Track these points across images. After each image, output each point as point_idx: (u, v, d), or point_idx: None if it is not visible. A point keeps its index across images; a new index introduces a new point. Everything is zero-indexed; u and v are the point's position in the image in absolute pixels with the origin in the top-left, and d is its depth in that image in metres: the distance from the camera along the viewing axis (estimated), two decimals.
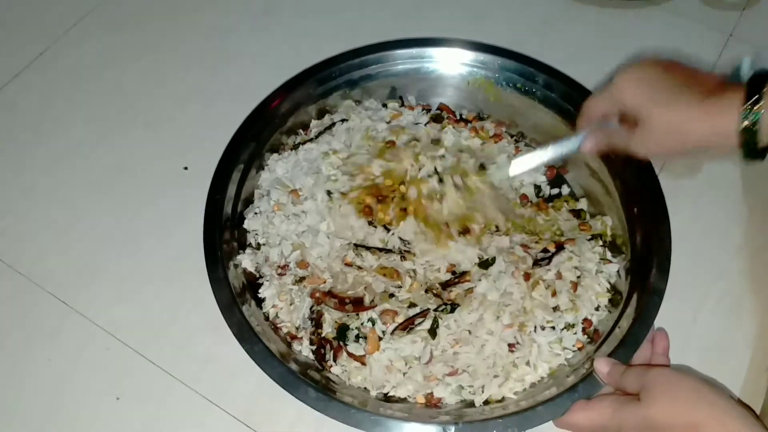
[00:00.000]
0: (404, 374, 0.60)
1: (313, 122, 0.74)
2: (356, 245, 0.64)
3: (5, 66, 0.81)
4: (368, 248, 0.64)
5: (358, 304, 0.62)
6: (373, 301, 0.62)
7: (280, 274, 0.64)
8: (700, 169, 0.74)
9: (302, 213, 0.66)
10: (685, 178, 0.72)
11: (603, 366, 0.55)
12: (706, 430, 0.47)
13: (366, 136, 0.71)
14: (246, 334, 0.58)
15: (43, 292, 0.66)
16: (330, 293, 0.62)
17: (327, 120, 0.74)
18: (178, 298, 0.66)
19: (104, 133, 0.77)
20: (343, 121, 0.73)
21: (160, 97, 0.80)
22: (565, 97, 0.71)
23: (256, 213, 0.67)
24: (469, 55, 0.74)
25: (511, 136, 0.75)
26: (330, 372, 0.60)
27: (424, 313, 0.61)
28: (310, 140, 0.72)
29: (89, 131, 0.77)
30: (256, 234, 0.67)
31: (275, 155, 0.71)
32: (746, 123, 0.49)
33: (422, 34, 0.75)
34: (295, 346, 0.62)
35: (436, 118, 0.74)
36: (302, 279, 0.64)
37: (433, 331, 0.60)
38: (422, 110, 0.75)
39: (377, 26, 0.77)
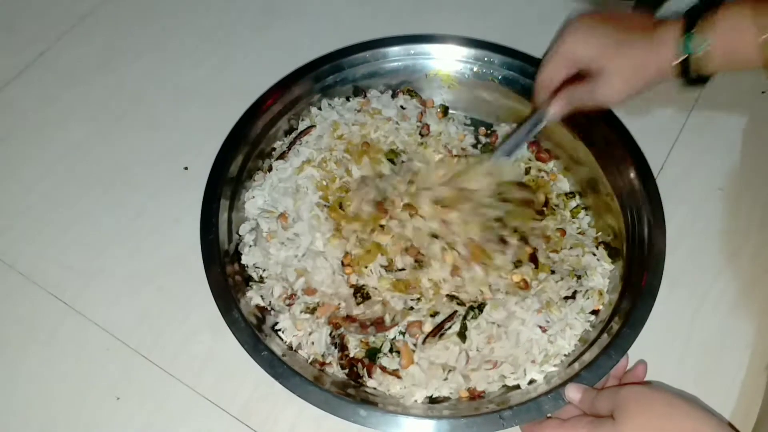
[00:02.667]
0: (445, 379, 0.60)
1: (277, 143, 0.73)
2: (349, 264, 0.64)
3: (6, 66, 0.81)
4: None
5: (380, 325, 0.61)
6: (394, 319, 0.61)
7: (289, 305, 0.63)
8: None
9: (295, 236, 0.65)
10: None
11: (575, 393, 0.55)
12: None
13: (334, 134, 0.71)
14: (248, 337, 0.58)
15: (43, 292, 0.66)
16: (348, 318, 0.62)
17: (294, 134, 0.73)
18: (178, 298, 0.66)
19: (104, 133, 0.77)
20: (309, 128, 0.72)
21: (161, 97, 0.80)
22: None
23: (250, 246, 0.66)
24: (462, 51, 0.75)
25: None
26: (367, 387, 0.60)
27: (451, 317, 0.61)
28: (281, 158, 0.71)
29: (89, 131, 0.77)
30: (257, 268, 0.65)
31: (252, 182, 0.70)
32: (681, 54, 0.53)
33: (422, 33, 0.76)
34: (327, 370, 0.61)
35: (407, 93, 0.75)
36: (314, 309, 0.62)
37: (462, 335, 0.60)
38: (391, 96, 0.76)
39: (377, 26, 0.77)
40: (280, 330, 0.62)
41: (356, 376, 0.60)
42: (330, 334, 0.61)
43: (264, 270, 0.65)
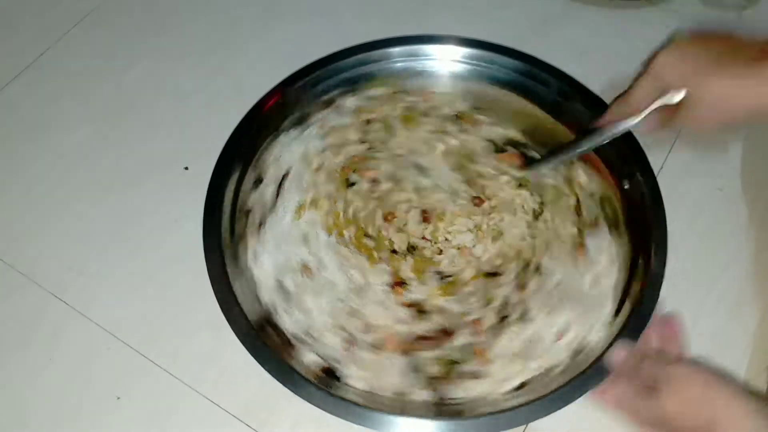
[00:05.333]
0: (524, 363, 0.59)
1: (252, 196, 0.68)
2: (396, 283, 0.63)
3: (6, 66, 0.81)
4: (401, 283, 0.63)
5: (447, 334, 0.60)
6: (457, 323, 0.61)
7: (351, 351, 0.60)
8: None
9: (328, 281, 0.63)
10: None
11: (618, 355, 0.55)
12: (721, 429, 0.47)
13: (311, 169, 0.68)
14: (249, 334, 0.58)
15: (43, 292, 0.66)
16: (418, 339, 0.60)
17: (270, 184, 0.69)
18: (179, 298, 0.66)
19: (105, 133, 0.77)
20: (285, 176, 0.69)
21: (161, 97, 0.80)
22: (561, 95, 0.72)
23: (285, 311, 0.62)
24: (460, 51, 0.74)
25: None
26: (454, 400, 0.58)
27: (506, 305, 0.61)
28: (270, 212, 0.67)
29: (90, 131, 0.77)
30: (301, 333, 0.61)
31: (251, 251, 0.65)
32: None
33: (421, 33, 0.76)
34: (415, 397, 0.58)
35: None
36: (380, 345, 0.60)
37: (523, 317, 0.61)
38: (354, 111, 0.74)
39: (377, 26, 0.77)
40: (349, 378, 0.59)
41: (443, 400, 0.58)
42: (407, 364, 0.59)
43: (308, 327, 0.61)
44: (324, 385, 0.56)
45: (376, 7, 0.87)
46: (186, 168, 0.74)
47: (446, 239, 0.67)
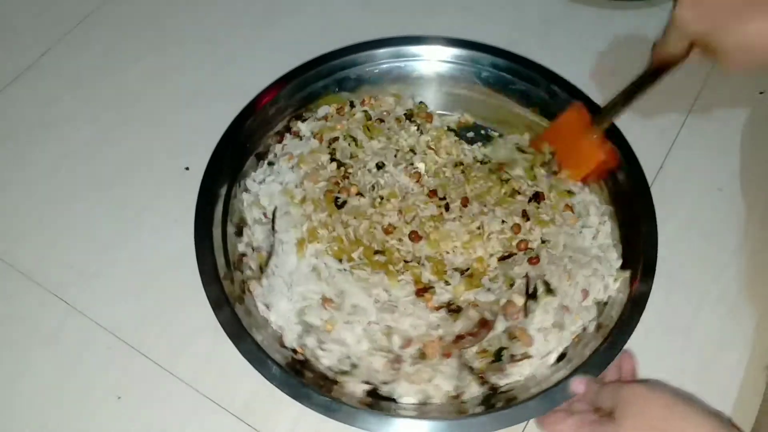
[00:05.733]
0: (562, 331, 0.61)
1: (239, 246, 0.66)
2: (421, 291, 0.62)
3: (7, 67, 0.81)
4: (426, 289, 0.62)
5: (485, 325, 0.60)
6: (492, 312, 0.61)
7: (397, 369, 0.59)
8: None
9: (355, 308, 0.61)
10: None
11: (579, 386, 0.55)
12: None
13: (294, 203, 0.66)
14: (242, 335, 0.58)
15: (44, 292, 0.67)
16: (457, 338, 0.60)
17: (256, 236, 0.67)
18: (179, 297, 0.66)
19: (105, 134, 0.77)
20: (273, 218, 0.67)
21: (162, 97, 0.80)
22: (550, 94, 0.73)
23: (320, 350, 0.60)
24: (449, 52, 0.74)
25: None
26: (506, 384, 0.60)
27: (527, 280, 0.62)
28: (271, 256, 0.64)
29: (90, 132, 0.77)
30: (342, 365, 0.60)
31: (260, 301, 0.63)
32: None
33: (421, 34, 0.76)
34: (468, 396, 0.59)
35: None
36: (423, 355, 0.59)
37: (549, 290, 0.62)
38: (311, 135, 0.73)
39: (377, 26, 0.77)
40: (403, 397, 0.59)
41: (492, 386, 0.59)
42: (456, 367, 0.59)
43: (348, 358, 0.60)
44: (378, 409, 0.56)
45: (375, 7, 0.88)
46: (187, 168, 0.74)
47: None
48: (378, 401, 0.58)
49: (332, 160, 0.70)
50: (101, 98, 0.80)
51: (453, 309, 0.62)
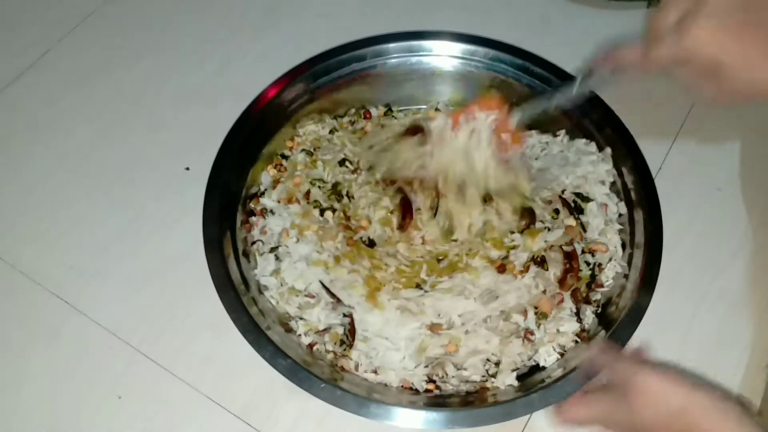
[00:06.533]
0: (612, 225, 0.67)
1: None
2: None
3: (8, 67, 0.81)
4: (503, 265, 0.64)
5: (572, 257, 0.64)
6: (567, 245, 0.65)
7: (531, 339, 0.61)
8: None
9: (462, 317, 0.61)
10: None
11: (599, 348, 0.56)
12: None
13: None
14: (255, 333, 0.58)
15: (44, 292, 0.67)
16: (562, 282, 0.64)
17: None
18: (179, 297, 0.66)
19: (106, 134, 0.77)
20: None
21: (162, 97, 0.80)
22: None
23: (464, 368, 0.60)
24: (458, 47, 0.75)
25: None
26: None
27: (562, 200, 0.67)
28: (349, 344, 0.61)
29: (91, 132, 0.77)
30: (480, 370, 0.61)
31: (348, 371, 0.61)
32: None
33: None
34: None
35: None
36: (542, 315, 0.62)
37: (583, 198, 0.68)
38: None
39: (377, 26, 0.77)
40: (548, 362, 0.61)
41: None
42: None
43: (488, 360, 0.61)
44: (531, 386, 0.58)
45: (376, 7, 0.88)
46: (187, 168, 0.74)
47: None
48: (527, 379, 0.60)
49: (322, 211, 0.68)
50: (102, 98, 0.80)
51: (537, 262, 0.64)
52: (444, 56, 0.75)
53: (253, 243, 0.67)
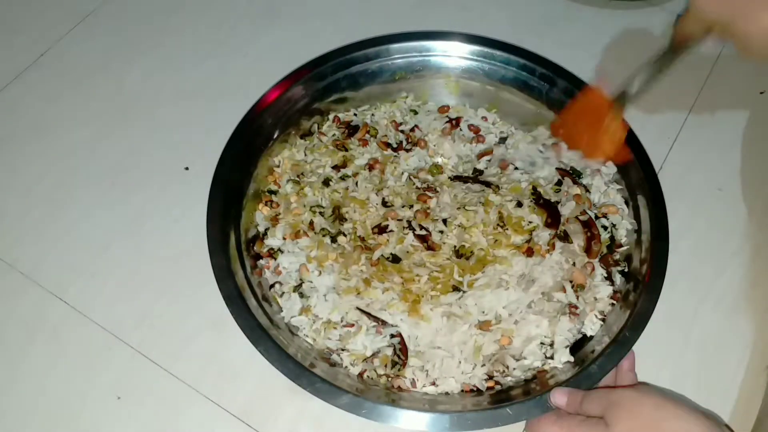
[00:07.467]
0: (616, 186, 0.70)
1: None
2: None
3: (7, 66, 0.81)
4: (530, 249, 0.65)
5: (591, 224, 0.66)
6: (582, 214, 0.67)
7: (576, 312, 0.62)
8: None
9: (510, 305, 0.62)
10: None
11: (560, 398, 0.55)
12: None
13: (347, 292, 0.63)
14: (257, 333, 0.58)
15: (44, 292, 0.67)
16: (589, 251, 0.65)
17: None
18: (179, 298, 0.66)
19: (105, 133, 0.77)
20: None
21: (161, 97, 0.80)
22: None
23: (517, 359, 0.61)
24: (464, 48, 0.75)
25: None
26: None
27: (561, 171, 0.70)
28: (401, 363, 0.61)
29: (90, 131, 0.77)
30: (540, 356, 0.61)
31: (402, 390, 0.60)
32: None
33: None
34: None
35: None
36: (579, 287, 0.63)
37: (575, 172, 0.71)
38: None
39: (377, 26, 0.77)
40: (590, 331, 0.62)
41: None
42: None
43: (542, 344, 0.61)
44: (584, 357, 0.59)
45: (377, 6, 0.88)
46: (186, 168, 0.74)
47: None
48: (578, 352, 0.60)
49: (333, 238, 0.66)
50: (101, 98, 0.80)
51: (561, 237, 0.65)
52: (446, 56, 0.75)
53: (271, 287, 0.65)
